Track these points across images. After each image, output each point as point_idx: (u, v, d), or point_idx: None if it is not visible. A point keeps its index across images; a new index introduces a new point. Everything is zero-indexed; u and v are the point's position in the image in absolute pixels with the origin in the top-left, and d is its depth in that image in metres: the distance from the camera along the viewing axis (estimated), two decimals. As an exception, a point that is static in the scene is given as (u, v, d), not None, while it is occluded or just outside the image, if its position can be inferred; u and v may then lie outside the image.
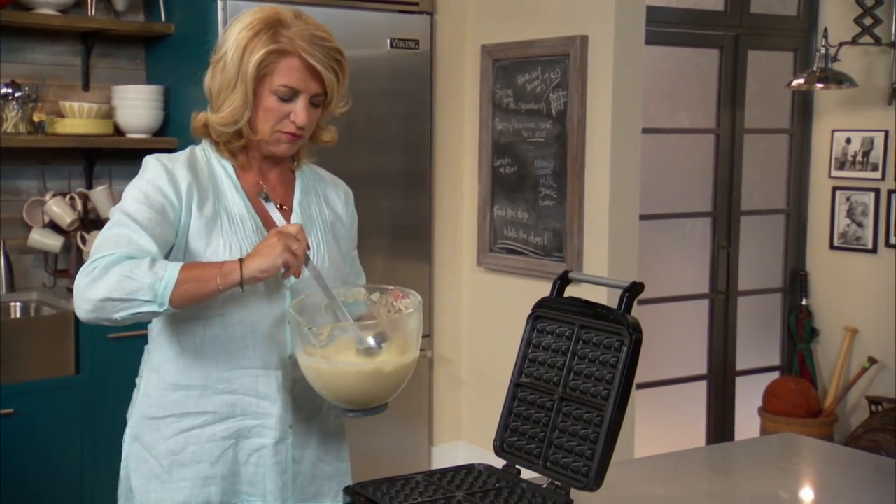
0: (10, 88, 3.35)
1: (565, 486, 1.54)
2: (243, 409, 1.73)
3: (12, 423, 2.99)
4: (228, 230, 1.70)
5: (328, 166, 4.18)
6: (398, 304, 1.74)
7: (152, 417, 1.75)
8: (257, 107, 1.69)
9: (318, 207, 1.86)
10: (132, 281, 1.54)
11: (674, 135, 4.43)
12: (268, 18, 1.68)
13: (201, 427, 1.72)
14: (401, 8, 3.76)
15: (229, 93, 1.68)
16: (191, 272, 1.57)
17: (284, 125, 1.71)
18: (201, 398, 1.72)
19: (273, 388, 1.73)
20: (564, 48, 3.53)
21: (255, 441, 1.74)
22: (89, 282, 1.55)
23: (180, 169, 1.70)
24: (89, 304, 1.55)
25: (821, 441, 2.24)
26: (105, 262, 1.56)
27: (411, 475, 1.63)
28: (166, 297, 1.54)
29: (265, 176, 1.79)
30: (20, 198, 3.54)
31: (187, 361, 1.72)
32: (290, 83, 1.68)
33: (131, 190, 1.68)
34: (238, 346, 1.71)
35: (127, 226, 1.62)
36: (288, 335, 1.72)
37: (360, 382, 1.60)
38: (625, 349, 1.51)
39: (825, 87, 4.21)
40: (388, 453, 3.87)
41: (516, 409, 1.66)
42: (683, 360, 4.53)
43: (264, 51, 1.65)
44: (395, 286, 1.76)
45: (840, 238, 4.61)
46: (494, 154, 3.89)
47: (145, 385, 1.78)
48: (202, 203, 1.69)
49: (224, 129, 1.70)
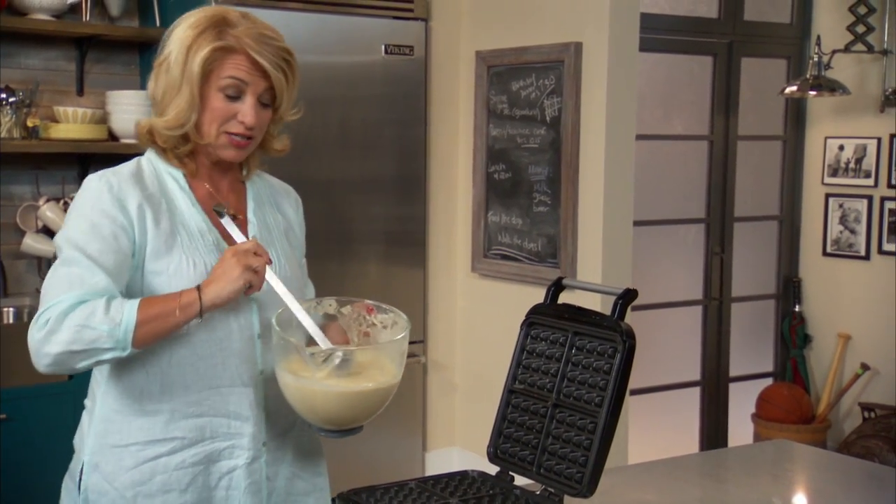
0: (4, 93, 3.34)
1: (559, 493, 1.54)
2: (213, 432, 1.63)
3: (5, 428, 2.97)
4: (189, 245, 1.61)
5: (323, 172, 4.20)
6: (370, 318, 1.68)
7: (115, 445, 1.61)
8: (203, 108, 1.61)
9: (273, 216, 1.78)
10: (90, 330, 1.46)
11: (667, 141, 4.43)
12: (213, 17, 1.62)
13: (169, 454, 1.61)
14: (395, 14, 3.77)
15: (174, 95, 1.60)
16: (149, 310, 1.50)
17: (231, 126, 1.62)
18: (169, 424, 1.61)
19: (245, 406, 1.64)
20: (559, 55, 3.54)
21: (227, 463, 1.64)
22: (45, 335, 1.47)
23: (127, 186, 1.59)
24: (47, 358, 1.47)
25: (814, 448, 2.25)
26: (58, 311, 1.47)
27: (405, 482, 1.63)
28: (128, 342, 1.48)
29: (216, 185, 1.70)
30: (14, 203, 3.53)
31: (153, 386, 1.60)
32: (235, 74, 1.60)
33: (76, 219, 1.57)
34: (207, 366, 1.61)
35: (77, 262, 1.52)
36: (258, 350, 1.65)
37: (343, 404, 1.55)
38: (618, 356, 1.51)
39: (818, 94, 4.22)
40: (381, 459, 3.86)
41: (510, 415, 1.66)
42: (677, 367, 4.53)
43: (209, 48, 1.58)
44: (367, 300, 1.69)
45: (833, 245, 4.63)
46: (489, 160, 3.90)
47: (104, 410, 1.63)
48: (157, 219, 1.59)
49: (170, 132, 1.62)
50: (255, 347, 1.65)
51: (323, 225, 3.72)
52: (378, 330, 1.68)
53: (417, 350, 3.95)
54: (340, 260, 3.74)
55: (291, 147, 3.93)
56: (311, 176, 3.66)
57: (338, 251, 3.74)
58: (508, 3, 3.81)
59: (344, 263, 3.75)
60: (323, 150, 3.67)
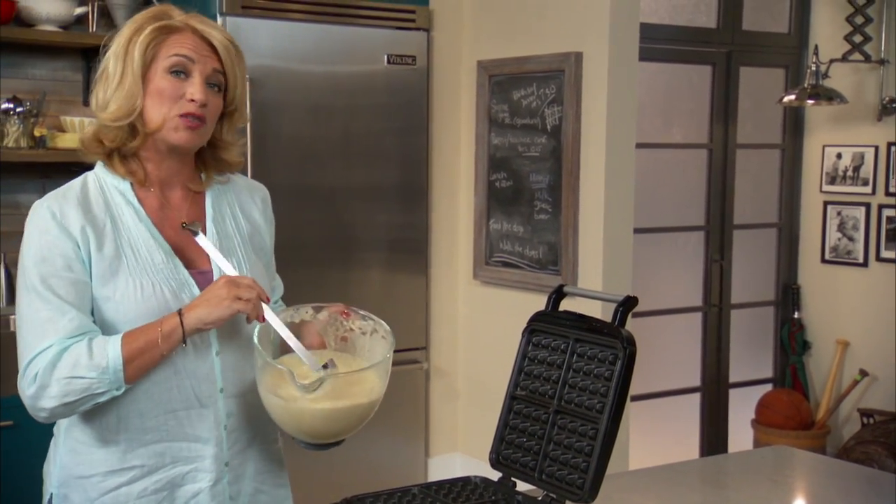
0: (11, 104, 3.35)
1: (561, 499, 1.54)
2: (174, 457, 1.57)
3: (12, 435, 2.97)
4: (136, 266, 1.53)
5: (326, 180, 4.19)
6: (347, 322, 1.64)
7: (80, 476, 1.58)
8: (149, 93, 1.53)
9: (234, 221, 1.69)
10: (79, 380, 1.44)
11: (667, 150, 4.44)
12: (152, 13, 1.58)
13: (129, 483, 1.56)
14: (398, 24, 3.78)
15: (116, 86, 1.54)
16: (133, 345, 1.47)
17: (182, 106, 1.53)
18: (126, 453, 1.56)
19: (204, 427, 1.58)
20: (559, 64, 3.55)
21: (190, 488, 1.59)
22: (36, 391, 1.45)
23: (70, 210, 1.53)
24: (45, 412, 1.47)
25: (813, 454, 2.24)
26: (44, 364, 1.45)
27: (408, 487, 1.63)
28: (121, 381, 1.46)
29: (166, 194, 1.62)
30: (21, 211, 3.53)
31: (110, 416, 1.54)
32: (181, 52, 1.54)
33: (28, 252, 1.51)
34: (161, 390, 1.54)
35: (43, 300, 1.47)
36: (217, 368, 1.58)
37: (332, 421, 1.53)
38: (619, 362, 1.51)
39: (816, 103, 4.23)
40: (384, 465, 3.85)
41: (512, 421, 1.66)
42: (677, 373, 4.52)
43: (150, 28, 1.53)
44: (342, 304, 1.65)
45: (831, 252, 4.62)
46: (490, 168, 3.90)
47: (69, 441, 1.59)
48: (100, 243, 1.52)
49: (117, 124, 1.54)
50: (215, 366, 1.58)
51: (326, 232, 3.72)
52: (356, 336, 1.64)
53: (420, 356, 3.95)
54: (343, 267, 3.74)
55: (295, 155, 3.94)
56: (315, 184, 3.67)
57: (341, 258, 3.74)
58: (509, 14, 3.82)
59: (347, 270, 3.75)
60: (326, 158, 3.68)
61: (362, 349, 1.64)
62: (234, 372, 1.61)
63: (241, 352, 1.61)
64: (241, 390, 1.62)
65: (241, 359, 1.61)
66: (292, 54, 3.54)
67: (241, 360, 1.61)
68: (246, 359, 1.61)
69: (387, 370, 1.58)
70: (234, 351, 1.61)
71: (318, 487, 3.51)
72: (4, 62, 3.47)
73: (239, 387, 1.62)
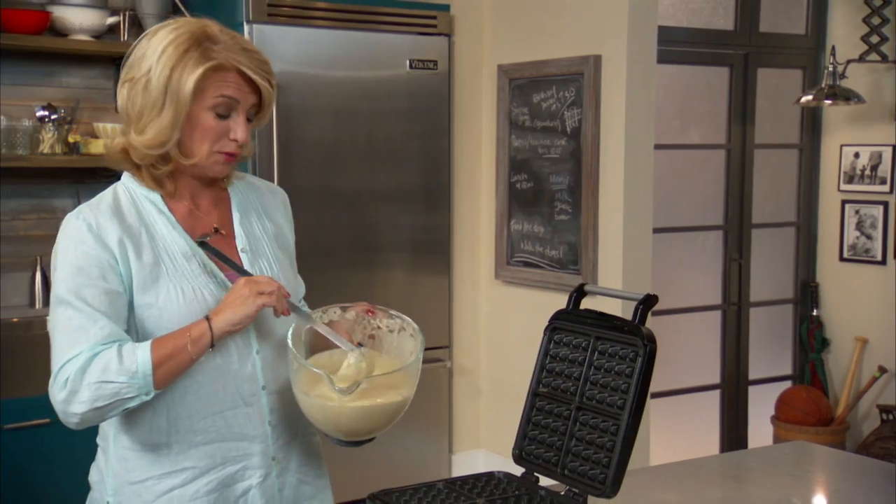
0: (46, 111, 3.39)
1: (583, 494, 1.54)
2: (223, 457, 1.58)
3: (49, 432, 3.01)
4: (175, 272, 1.54)
5: (351, 183, 4.20)
6: (375, 321, 1.66)
7: (133, 482, 1.57)
8: (192, 128, 1.53)
9: (260, 223, 1.70)
10: (109, 385, 1.44)
11: (686, 150, 4.42)
12: (195, 34, 1.53)
13: (182, 486, 1.57)
14: (420, 30, 3.78)
15: (155, 115, 1.51)
16: (162, 350, 1.47)
17: (224, 145, 1.55)
18: (178, 455, 1.56)
19: (250, 425, 1.60)
20: (578, 67, 3.54)
21: (241, 485, 1.60)
22: (67, 396, 1.45)
23: (105, 221, 1.52)
24: (76, 417, 1.46)
25: (833, 449, 2.22)
26: (75, 370, 1.44)
27: (433, 482, 1.63)
28: (150, 386, 1.46)
29: (197, 202, 1.63)
30: (56, 215, 3.58)
31: (160, 420, 1.55)
32: (228, 93, 1.53)
33: (63, 264, 1.51)
34: (209, 391, 1.56)
35: (76, 309, 1.47)
36: (258, 366, 1.60)
37: (368, 419, 1.55)
38: (640, 360, 1.51)
39: (833, 103, 4.19)
40: (409, 461, 3.86)
41: (534, 418, 1.66)
42: (697, 370, 4.50)
43: (203, 69, 1.50)
44: (367, 303, 1.67)
45: (850, 250, 4.58)
46: (511, 170, 3.90)
47: (118, 449, 1.59)
48: (139, 252, 1.53)
49: (149, 152, 1.53)
50: (256, 364, 1.60)
51: (351, 234, 3.74)
52: (384, 333, 1.66)
53: (443, 355, 3.96)
54: (368, 268, 3.76)
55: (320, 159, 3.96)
56: (340, 187, 3.68)
57: (365, 259, 3.75)
58: (529, 18, 3.81)
59: (371, 271, 3.77)
60: (351, 161, 3.69)
61: (390, 346, 1.65)
62: (273, 370, 1.63)
63: (277, 350, 1.63)
64: (281, 387, 1.64)
65: (279, 356, 1.64)
66: (317, 60, 3.56)
67: (279, 357, 1.64)
68: (282, 356, 1.63)
69: (418, 368, 1.59)
70: (272, 349, 1.63)
71: (345, 483, 3.52)
72: (39, 71, 3.52)
73: (279, 383, 1.63)
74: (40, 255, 3.50)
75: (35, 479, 2.99)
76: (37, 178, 3.52)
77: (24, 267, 3.51)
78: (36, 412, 3.00)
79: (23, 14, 3.30)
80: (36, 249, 3.53)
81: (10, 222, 3.51)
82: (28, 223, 3.54)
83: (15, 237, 3.52)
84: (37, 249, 3.53)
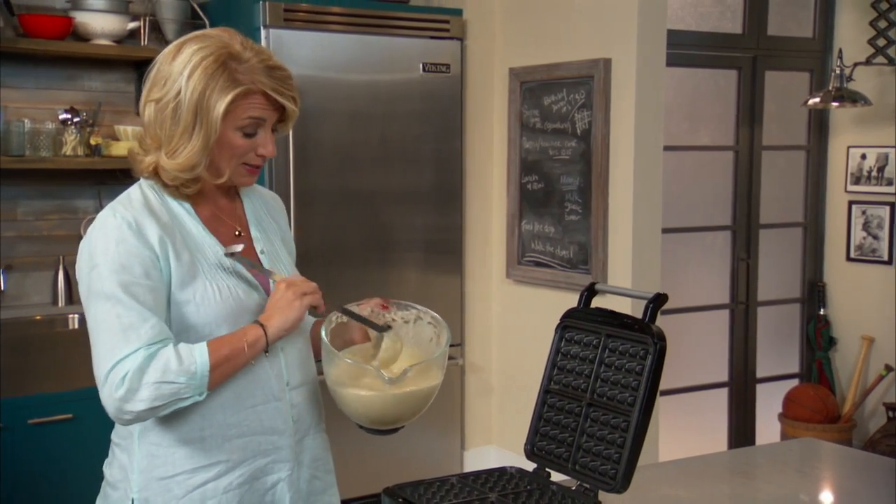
0: (68, 114, 3.42)
1: (594, 489, 1.54)
2: (254, 450, 1.60)
3: (72, 427, 3.03)
4: (209, 270, 1.56)
5: (365, 184, 4.21)
6: (389, 315, 1.69)
7: (161, 478, 1.56)
8: (221, 148, 1.54)
9: (270, 226, 1.74)
10: (169, 385, 1.44)
11: (694, 152, 4.40)
12: (219, 57, 1.51)
13: (216, 479, 1.57)
14: (433, 34, 3.79)
15: (186, 139, 1.51)
16: (219, 353, 1.49)
17: (250, 159, 1.58)
18: (212, 448, 1.57)
19: (279, 419, 1.62)
20: (589, 70, 3.53)
21: (271, 478, 1.63)
22: (125, 394, 1.43)
23: (143, 219, 1.52)
24: (131, 415, 1.46)
25: (840, 446, 2.21)
26: (133, 368, 1.43)
27: (446, 477, 1.63)
28: (205, 387, 1.48)
29: (219, 205, 1.66)
30: (78, 216, 3.60)
31: (192, 414, 1.55)
32: (255, 115, 1.54)
33: (105, 264, 1.48)
34: (242, 386, 1.58)
35: (125, 309, 1.46)
36: (283, 363, 1.63)
37: (400, 406, 1.58)
38: (650, 357, 1.51)
39: (840, 105, 4.17)
40: (421, 457, 3.87)
41: (546, 414, 1.66)
42: (705, 368, 4.49)
43: (231, 96, 1.50)
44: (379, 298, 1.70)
45: (856, 250, 4.56)
46: (522, 171, 3.90)
47: (145, 445, 1.58)
48: (177, 250, 1.53)
49: (181, 174, 1.54)
50: (281, 362, 1.63)
51: (365, 234, 3.74)
52: (399, 325, 1.69)
53: (455, 353, 3.96)
54: (381, 267, 3.76)
55: (336, 161, 3.96)
56: (354, 188, 3.69)
57: (379, 259, 3.76)
58: (540, 22, 3.81)
59: (384, 271, 3.77)
60: (365, 163, 3.70)
61: (407, 336, 1.68)
62: (295, 366, 1.67)
63: (297, 346, 1.67)
64: (301, 382, 1.68)
65: (298, 353, 1.68)
66: (332, 64, 3.57)
67: (298, 353, 1.68)
68: (301, 352, 1.68)
69: (446, 353, 1.65)
70: (293, 346, 1.67)
71: (359, 478, 3.53)
72: (62, 75, 3.54)
73: (299, 379, 1.67)
74: (63, 255, 3.53)
75: (58, 474, 3.01)
76: (59, 180, 3.55)
77: (47, 266, 3.54)
78: (59, 408, 3.02)
79: (46, 20, 3.32)
80: (58, 249, 3.55)
81: (34, 222, 3.54)
82: (51, 223, 3.57)
83: (38, 237, 3.54)
84: (59, 249, 3.55)
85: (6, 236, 3.48)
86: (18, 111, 3.42)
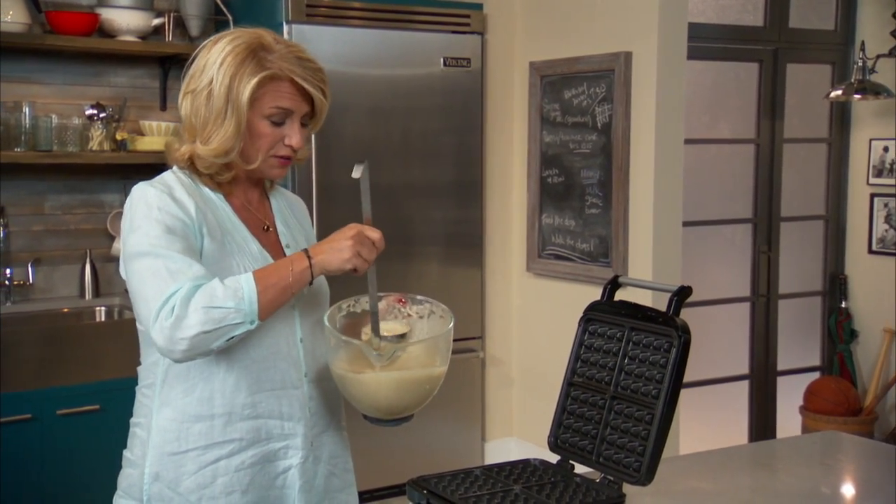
0: (95, 110, 3.43)
1: (618, 481, 1.53)
2: (268, 433, 1.60)
3: (100, 418, 3.05)
4: (239, 253, 1.58)
5: (386, 178, 4.22)
6: (406, 310, 1.68)
7: (173, 453, 1.57)
8: (251, 135, 1.57)
9: (294, 225, 1.77)
10: (217, 309, 1.43)
11: (715, 145, 4.37)
12: (251, 44, 1.56)
13: (229, 457, 1.58)
14: (453, 29, 3.78)
15: (219, 124, 1.55)
16: (266, 280, 1.47)
17: (278, 149, 1.60)
18: (227, 426, 1.57)
19: (296, 407, 1.62)
20: (609, 64, 3.51)
21: (282, 463, 1.62)
22: (174, 322, 1.43)
23: (180, 193, 1.56)
24: (183, 343, 1.43)
25: (862, 438, 2.19)
26: (181, 298, 1.43)
27: (470, 469, 1.63)
28: (255, 313, 1.46)
29: (249, 199, 1.68)
30: (104, 210, 3.62)
31: (209, 390, 1.57)
32: (283, 104, 1.57)
33: (148, 225, 1.50)
34: (260, 369, 1.59)
35: (169, 260, 1.47)
36: (301, 353, 1.64)
37: (401, 390, 1.55)
38: (674, 350, 1.50)
39: (863, 97, 4.12)
40: (442, 449, 3.87)
41: (569, 407, 1.65)
42: (726, 361, 4.46)
43: (258, 78, 1.53)
44: (398, 293, 1.70)
45: (878, 243, 4.51)
46: (542, 165, 3.88)
47: (160, 421, 1.59)
48: (211, 228, 1.56)
49: (215, 160, 1.57)
50: (299, 351, 1.64)
51: (386, 228, 3.70)
52: (415, 320, 1.67)
53: (476, 346, 3.96)
54: (403, 260, 3.76)
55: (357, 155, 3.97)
56: (375, 182, 3.65)
57: (400, 252, 3.76)
58: (561, 16, 3.79)
59: (406, 264, 3.77)
60: (386, 157, 3.70)
61: (422, 331, 1.66)
62: (314, 359, 1.67)
63: (317, 339, 1.68)
64: (320, 376, 1.67)
65: (318, 346, 1.68)
66: (354, 59, 3.57)
67: (318, 347, 1.68)
68: (321, 346, 1.67)
69: (448, 342, 1.60)
70: (313, 339, 1.67)
71: (380, 470, 3.54)
72: (88, 71, 3.56)
73: (318, 372, 1.67)
74: (90, 248, 3.56)
75: (85, 463, 3.03)
76: (86, 174, 3.57)
77: (75, 259, 3.56)
78: (86, 399, 3.04)
79: (72, 16, 3.34)
80: (85, 242, 3.58)
81: (61, 216, 3.56)
82: (78, 217, 3.59)
83: (66, 231, 3.57)
84: (86, 242, 3.57)
85: (34, 230, 3.51)
86: (46, 107, 3.44)
